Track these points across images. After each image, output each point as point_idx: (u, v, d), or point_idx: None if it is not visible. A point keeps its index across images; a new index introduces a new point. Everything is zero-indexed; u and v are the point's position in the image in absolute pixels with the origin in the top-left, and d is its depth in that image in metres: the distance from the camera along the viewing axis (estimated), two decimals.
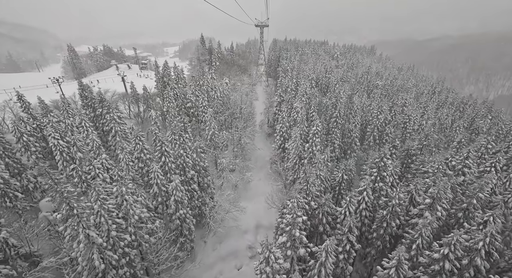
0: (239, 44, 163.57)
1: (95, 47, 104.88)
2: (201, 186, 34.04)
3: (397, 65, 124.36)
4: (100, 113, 32.75)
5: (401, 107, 56.87)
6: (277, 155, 50.24)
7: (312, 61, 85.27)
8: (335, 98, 51.90)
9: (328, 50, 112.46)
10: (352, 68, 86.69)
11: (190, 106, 44.46)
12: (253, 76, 78.03)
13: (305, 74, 72.14)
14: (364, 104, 59.88)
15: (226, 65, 66.37)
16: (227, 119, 48.28)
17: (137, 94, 46.29)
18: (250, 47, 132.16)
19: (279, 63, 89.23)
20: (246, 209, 37.27)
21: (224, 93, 50.38)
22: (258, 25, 79.60)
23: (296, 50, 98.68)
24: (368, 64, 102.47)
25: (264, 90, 79.50)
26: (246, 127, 48.88)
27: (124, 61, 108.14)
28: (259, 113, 65.21)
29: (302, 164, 41.13)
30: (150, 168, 25.91)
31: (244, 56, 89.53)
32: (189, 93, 43.98)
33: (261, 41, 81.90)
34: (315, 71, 71.56)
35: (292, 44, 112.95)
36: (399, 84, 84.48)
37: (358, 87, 72.37)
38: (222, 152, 43.03)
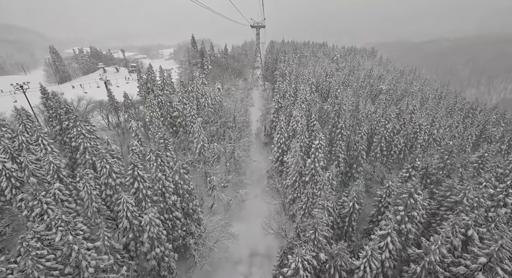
0: (235, 46, 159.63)
1: (81, 49, 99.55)
2: (186, 212, 29.29)
3: (398, 68, 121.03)
4: (67, 127, 27.97)
5: (410, 115, 52.77)
6: (275, 169, 45.71)
7: (311, 64, 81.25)
8: (338, 106, 47.61)
9: (328, 53, 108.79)
10: (353, 72, 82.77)
11: (177, 115, 39.85)
12: (248, 80, 73.62)
13: (304, 78, 67.99)
14: (368, 111, 55.75)
15: (220, 68, 62.22)
16: (219, 130, 43.72)
17: (116, 102, 41.46)
18: (246, 49, 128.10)
19: (277, 66, 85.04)
20: (239, 235, 32.56)
21: (216, 100, 45.90)
22: (254, 26, 75.52)
23: (295, 52, 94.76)
24: (370, 67, 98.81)
25: (261, 95, 75.21)
26: (241, 138, 44.34)
27: (113, 64, 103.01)
28: (255, 120, 60.76)
29: (303, 182, 36.68)
30: (119, 196, 21.13)
31: (239, 58, 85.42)
32: (176, 101, 39.37)
33: (257, 43, 77.84)
34: (315, 75, 67.44)
35: (290, 46, 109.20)
36: (402, 89, 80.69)
37: (361, 92, 68.36)
38: (212, 166, 38.38)
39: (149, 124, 37.69)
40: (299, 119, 44.15)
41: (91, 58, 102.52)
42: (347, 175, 43.04)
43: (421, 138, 46.13)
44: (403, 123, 47.01)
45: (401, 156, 46.36)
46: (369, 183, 45.76)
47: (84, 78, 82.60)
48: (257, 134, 61.20)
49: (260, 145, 60.02)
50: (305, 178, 35.62)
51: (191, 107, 38.67)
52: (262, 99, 72.17)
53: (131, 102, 42.19)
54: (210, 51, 71.88)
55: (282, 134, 43.89)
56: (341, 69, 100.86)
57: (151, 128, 38.04)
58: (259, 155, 57.43)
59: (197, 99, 45.53)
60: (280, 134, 43.87)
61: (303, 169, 36.46)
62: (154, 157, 23.54)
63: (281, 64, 73.07)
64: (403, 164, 47.06)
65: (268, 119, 58.93)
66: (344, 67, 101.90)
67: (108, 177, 22.68)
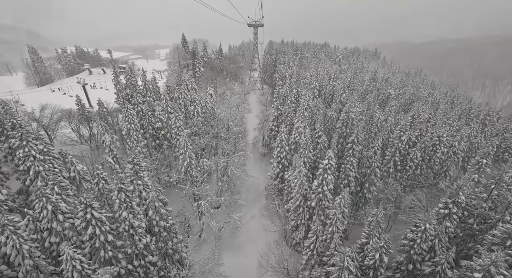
0: (232, 47, 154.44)
1: (64, 49, 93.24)
2: (164, 253, 23.73)
3: (403, 70, 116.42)
4: (13, 146, 22.43)
5: (425, 123, 47.63)
6: (274, 187, 40.29)
7: (313, 66, 76.11)
8: (346, 114, 42.33)
9: (330, 54, 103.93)
10: (357, 74, 77.81)
11: (160, 127, 34.37)
12: (245, 83, 68.37)
13: (306, 81, 62.87)
14: (378, 119, 50.52)
15: (213, 71, 57.11)
16: (211, 142, 38.30)
17: (88, 112, 35.81)
18: (243, 50, 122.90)
19: (276, 68, 79.87)
20: (232, 276, 27.05)
21: (207, 108, 40.48)
22: (251, 25, 70.44)
23: (295, 53, 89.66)
24: (374, 69, 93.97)
25: (259, 100, 70.00)
26: (235, 151, 38.94)
27: (100, 65, 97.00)
28: (252, 129, 55.44)
29: (308, 207, 31.34)
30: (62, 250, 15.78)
31: (235, 60, 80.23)
32: (159, 110, 33.88)
33: (255, 43, 72.73)
34: (318, 78, 62.26)
35: (289, 47, 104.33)
36: (411, 93, 75.80)
37: (368, 97, 63.21)
38: (202, 185, 32.93)
39: (126, 138, 32.12)
40: (302, 130, 38.81)
41: (76, 58, 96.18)
42: (358, 195, 37.72)
43: (440, 151, 40.94)
44: (419, 134, 41.77)
45: (418, 171, 41.12)
46: (382, 203, 40.54)
47: (68, 80, 76.87)
48: (254, 144, 55.85)
49: (258, 155, 54.69)
50: (311, 203, 30.31)
51: (176, 118, 33.21)
52: (260, 105, 66.94)
53: (107, 111, 36.64)
54: (203, 52, 66.27)
55: (283, 148, 38.54)
56: (343, 71, 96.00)
57: (129, 142, 32.45)
58: (257, 168, 52.12)
59: (185, 107, 40.09)
60: (281, 147, 38.52)
61: (308, 191, 31.14)
62: (117, 192, 18.00)
63: (281, 66, 67.99)
64: (420, 180, 42.03)
65: (267, 128, 53.65)
66: (347, 69, 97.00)
67: (52, 221, 17.07)
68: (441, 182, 41.37)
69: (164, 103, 34.85)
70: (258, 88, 78.60)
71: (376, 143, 35.87)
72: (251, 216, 40.08)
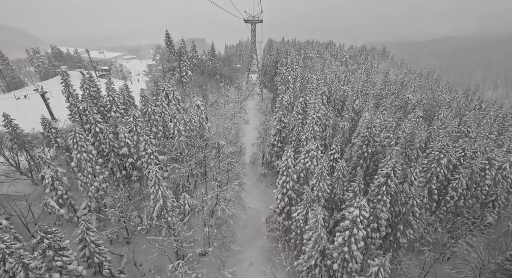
0: (229, 46, 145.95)
1: (36, 49, 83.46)
2: None
3: (414, 70, 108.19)
4: None
5: (463, 137, 39.36)
6: (278, 224, 31.85)
7: (319, 67, 67.79)
8: (368, 129, 33.94)
9: (335, 53, 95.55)
10: (368, 76, 69.58)
11: (127, 153, 25.89)
12: (242, 89, 59.75)
13: (312, 86, 54.47)
14: (403, 130, 42.10)
15: (204, 75, 48.86)
16: (196, 171, 29.89)
17: (24, 136, 26.90)
18: (241, 50, 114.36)
19: (277, 70, 71.53)
20: None
21: (193, 124, 32.06)
22: (248, 21, 62.08)
23: (298, 53, 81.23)
24: (384, 69, 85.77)
25: (258, 107, 61.58)
26: (228, 180, 30.63)
27: (79, 67, 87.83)
28: (250, 144, 47.06)
29: (326, 266, 22.95)
30: None
31: (230, 61, 71.74)
32: (124, 132, 25.40)
33: (253, 41, 64.41)
34: (327, 82, 53.94)
35: (291, 46, 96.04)
36: (429, 97, 67.59)
37: (383, 103, 54.88)
38: (183, 229, 24.55)
39: (78, 171, 23.67)
40: (314, 153, 30.37)
41: (52, 60, 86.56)
42: (387, 239, 29.32)
43: (489, 176, 32.67)
44: (462, 155, 33.38)
45: (461, 202, 32.80)
46: (418, 246, 32.24)
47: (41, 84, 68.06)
48: (253, 162, 47.47)
49: (257, 176, 46.35)
50: (332, 264, 21.90)
51: (146, 142, 24.73)
52: (260, 113, 58.57)
53: (57, 132, 27.88)
54: (192, 53, 57.47)
55: (289, 176, 30.11)
56: (351, 72, 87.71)
57: (82, 177, 23.92)
58: (256, 192, 43.76)
59: (164, 123, 31.61)
60: (287, 176, 30.12)
61: (327, 245, 22.75)
62: None
63: (283, 68, 59.66)
64: (463, 213, 33.72)
65: (268, 143, 45.30)
66: (355, 70, 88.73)
67: None
68: (489, 215, 33.26)
69: (132, 122, 26.31)
70: (256, 93, 70.31)
71: (413, 171, 27.48)
72: (249, 264, 31.71)
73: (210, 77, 50.42)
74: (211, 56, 63.73)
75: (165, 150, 30.21)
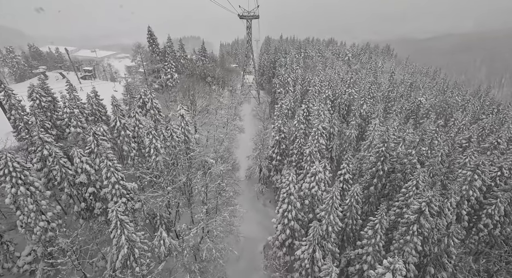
0: (224, 44, 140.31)
1: (10, 48, 76.24)
2: None
3: (420, 70, 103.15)
4: None
5: (491, 149, 34.12)
6: (278, 259, 26.51)
7: (320, 67, 62.42)
8: (383, 144, 28.69)
9: (337, 51, 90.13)
10: (376, 77, 64.38)
11: (85, 181, 20.40)
12: (237, 92, 53.88)
13: (315, 89, 49.10)
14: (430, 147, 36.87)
15: (193, 77, 43.43)
16: (177, 200, 24.46)
17: None
18: (236, 48, 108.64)
19: (275, 71, 66.07)
20: None
21: (174, 139, 26.67)
22: (244, 17, 56.53)
23: (298, 52, 75.71)
24: (390, 69, 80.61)
25: (254, 112, 56.12)
26: (217, 210, 25.31)
27: (60, 67, 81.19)
28: (245, 157, 41.71)
29: None
30: None
31: (224, 61, 66.12)
32: (80, 156, 19.91)
33: (249, 39, 58.86)
34: (331, 85, 48.64)
35: (290, 44, 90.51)
36: (441, 99, 62.54)
37: (394, 108, 49.67)
38: None
39: (16, 210, 18.18)
40: (322, 175, 25.01)
41: (29, 60, 79.79)
42: None
43: None
44: (499, 174, 28.15)
45: (497, 231, 27.66)
46: None
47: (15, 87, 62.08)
48: (249, 177, 42.12)
49: (253, 193, 40.97)
50: None
51: (108, 169, 19.31)
52: (256, 119, 53.17)
53: None
54: (180, 52, 51.62)
55: (292, 204, 24.76)
56: (354, 72, 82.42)
57: (22, 216, 18.47)
58: (252, 214, 38.45)
59: (139, 139, 26.12)
60: (288, 204, 24.76)
61: None
62: None
63: (282, 69, 54.23)
64: (500, 245, 28.58)
65: (265, 155, 39.97)
66: (359, 69, 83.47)
67: None
68: None
69: (92, 142, 20.79)
70: (253, 96, 64.83)
71: (448, 202, 22.20)
72: None
73: (200, 80, 44.92)
74: (201, 56, 57.83)
75: (139, 173, 24.69)
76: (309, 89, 49.98)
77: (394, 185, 29.94)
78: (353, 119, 48.13)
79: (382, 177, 30.56)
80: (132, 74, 41.43)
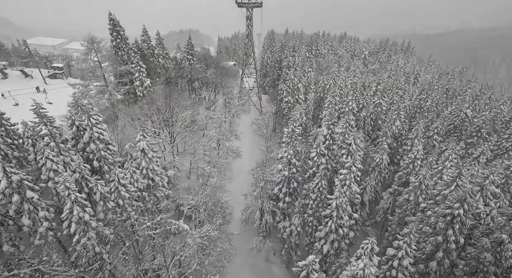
0: (223, 38, 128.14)
1: None
2: None
3: (444, 69, 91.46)
4: None
5: None
6: None
7: (336, 68, 51.30)
8: (461, 204, 17.87)
9: (351, 48, 78.54)
10: (407, 83, 53.34)
11: None
12: (234, 102, 42.41)
13: (333, 100, 38.10)
14: None
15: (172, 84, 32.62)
16: None
17: None
18: (235, 43, 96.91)
19: (280, 72, 54.81)
20: None
21: (123, 195, 15.94)
22: (243, 4, 45.19)
23: (309, 49, 64.24)
24: (415, 70, 69.35)
25: (254, 127, 45.00)
26: None
27: (24, 63, 69.18)
28: (241, 195, 31.03)
29: None
30: None
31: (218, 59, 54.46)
32: None
33: (249, 33, 47.57)
34: (355, 95, 37.78)
35: (298, 39, 78.90)
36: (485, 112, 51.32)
37: (437, 125, 38.82)
38: None
39: None
40: (367, 267, 14.28)
41: None
42: None
43: None
44: None
45: None
46: None
47: None
48: (246, 221, 31.48)
49: (251, 245, 30.31)
50: None
51: None
52: (257, 136, 42.24)
53: None
54: (160, 49, 39.63)
55: None
56: (371, 73, 71.24)
57: None
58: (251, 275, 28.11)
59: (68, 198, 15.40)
60: None
61: None
62: None
63: (290, 72, 43.13)
64: None
65: (268, 193, 29.42)
66: (377, 70, 72.16)
67: None
68: None
69: None
70: (253, 103, 53.68)
71: None
72: None
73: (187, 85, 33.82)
74: (187, 54, 45.84)
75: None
76: (326, 98, 39.11)
77: (475, 267, 19.19)
78: (383, 139, 37.46)
79: (453, 250, 19.87)
80: (86, 80, 30.20)
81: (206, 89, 42.03)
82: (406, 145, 38.36)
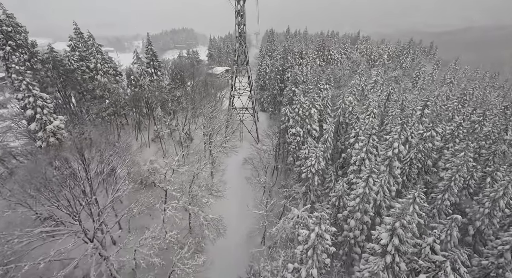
0: (215, 39, 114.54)
1: None
2: None
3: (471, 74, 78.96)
4: None
5: None
6: None
7: (358, 80, 38.64)
8: None
9: (367, 51, 65.50)
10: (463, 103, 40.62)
11: None
12: (215, 139, 29.00)
13: (358, 131, 25.33)
14: None
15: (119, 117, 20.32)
16: None
17: None
18: (228, 45, 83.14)
19: (284, 85, 41.88)
20: None
21: None
22: None
23: (320, 54, 50.98)
24: (446, 78, 56.74)
25: (249, 169, 31.93)
26: None
27: None
28: None
29: None
30: None
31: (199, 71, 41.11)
32: None
33: (239, 34, 34.55)
34: (404, 126, 24.79)
35: (303, 41, 65.41)
36: None
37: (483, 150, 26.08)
38: None
39: None
40: None
41: None
42: None
43: None
44: None
45: None
46: None
47: None
48: None
49: None
50: None
51: None
52: (250, 185, 29.31)
53: None
54: (99, 62, 26.22)
55: None
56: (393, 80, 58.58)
57: None
58: None
59: None
60: None
61: None
62: None
63: (298, 91, 30.13)
64: None
65: None
66: (400, 78, 59.37)
67: None
68: None
69: None
70: (248, 130, 40.29)
71: None
72: None
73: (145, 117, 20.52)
74: (148, 67, 30.52)
75: None
76: (351, 133, 26.23)
77: None
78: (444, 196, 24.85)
79: None
80: None
81: (178, 116, 28.95)
82: (483, 206, 25.15)
